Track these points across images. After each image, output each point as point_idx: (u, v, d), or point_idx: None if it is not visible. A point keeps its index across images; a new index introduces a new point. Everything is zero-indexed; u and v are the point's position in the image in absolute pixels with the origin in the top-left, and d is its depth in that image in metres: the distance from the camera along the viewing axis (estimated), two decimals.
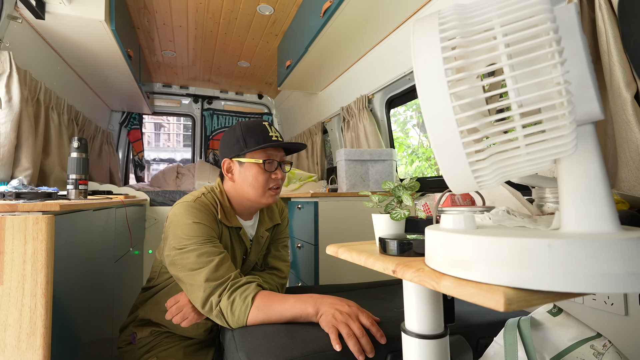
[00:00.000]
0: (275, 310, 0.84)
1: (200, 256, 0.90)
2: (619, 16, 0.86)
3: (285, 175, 1.08)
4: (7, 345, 0.72)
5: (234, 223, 1.05)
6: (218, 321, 0.87)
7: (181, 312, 0.92)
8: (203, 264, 0.89)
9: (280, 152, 1.07)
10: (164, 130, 13.16)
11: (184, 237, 0.93)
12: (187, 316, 0.92)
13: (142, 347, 1.06)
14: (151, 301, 1.10)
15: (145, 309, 1.09)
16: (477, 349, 0.83)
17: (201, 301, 0.87)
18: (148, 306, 1.09)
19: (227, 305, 0.85)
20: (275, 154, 1.04)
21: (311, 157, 3.20)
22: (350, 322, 0.76)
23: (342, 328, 0.74)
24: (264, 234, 1.14)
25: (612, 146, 0.93)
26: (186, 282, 0.91)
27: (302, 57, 2.12)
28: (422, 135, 5.07)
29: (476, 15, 0.39)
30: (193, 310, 0.92)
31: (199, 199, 1.01)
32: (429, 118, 0.40)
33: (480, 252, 0.38)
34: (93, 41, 1.88)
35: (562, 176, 0.42)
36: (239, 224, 1.07)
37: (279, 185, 1.05)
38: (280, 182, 1.05)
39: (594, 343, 0.59)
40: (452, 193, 0.84)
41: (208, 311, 0.87)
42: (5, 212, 0.76)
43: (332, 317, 0.78)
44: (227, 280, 0.89)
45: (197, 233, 0.93)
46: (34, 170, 1.67)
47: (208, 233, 0.95)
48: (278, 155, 1.05)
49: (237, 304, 0.85)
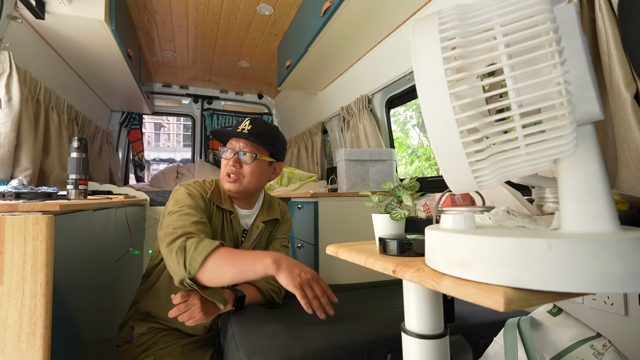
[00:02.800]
0: (235, 258, 0.87)
1: (182, 215, 0.97)
2: (619, 16, 0.86)
3: (244, 166, 1.09)
4: (7, 345, 0.72)
5: (226, 206, 1.11)
6: (174, 261, 0.88)
7: (189, 310, 0.91)
8: (183, 220, 0.95)
9: (240, 142, 1.10)
10: (164, 130, 13.16)
11: (174, 203, 1.02)
12: (194, 315, 0.92)
13: (140, 346, 1.06)
14: (151, 292, 1.11)
15: (146, 300, 1.11)
16: (477, 349, 0.83)
17: (169, 240, 0.91)
18: (149, 297, 1.11)
19: (191, 245, 0.88)
20: (234, 145, 1.10)
21: (311, 157, 3.20)
22: (313, 284, 0.86)
23: (308, 290, 0.84)
24: (259, 225, 1.17)
25: (612, 146, 0.93)
26: (161, 235, 0.95)
27: (302, 57, 2.12)
28: (422, 135, 5.07)
29: (476, 15, 0.39)
30: (201, 310, 0.92)
31: (197, 182, 1.11)
32: (429, 118, 0.40)
33: (480, 252, 0.38)
34: (93, 41, 1.87)
35: (562, 176, 0.42)
36: (231, 209, 1.12)
37: (232, 172, 1.08)
38: (233, 169, 1.08)
39: (593, 343, 0.59)
40: (452, 193, 0.84)
41: (170, 249, 0.89)
42: (5, 212, 0.76)
43: (298, 277, 0.85)
44: (199, 234, 0.93)
45: (187, 202, 1.01)
46: (33, 170, 1.67)
47: (197, 204, 1.03)
48: (237, 145, 1.10)
49: (201, 246, 0.87)
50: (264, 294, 1.07)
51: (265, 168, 1.14)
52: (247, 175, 1.09)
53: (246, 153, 1.08)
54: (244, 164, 1.09)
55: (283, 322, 0.89)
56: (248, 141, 1.09)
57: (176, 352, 1.03)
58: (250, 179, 1.09)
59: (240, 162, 1.09)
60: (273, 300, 1.08)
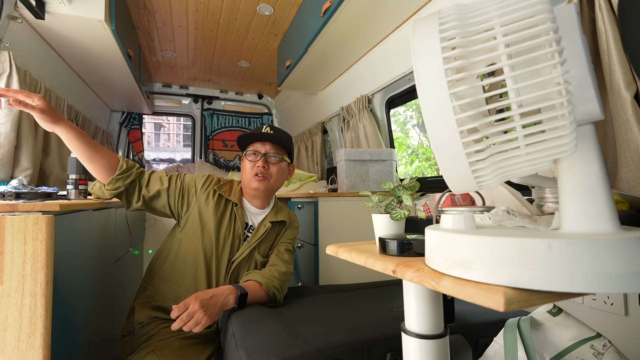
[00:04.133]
0: None
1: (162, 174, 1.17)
2: (619, 16, 0.86)
3: (271, 166, 1.20)
4: (7, 346, 0.72)
5: (234, 198, 1.21)
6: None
7: (193, 318, 0.92)
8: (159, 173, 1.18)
9: (266, 145, 1.21)
10: (164, 130, 13.14)
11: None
12: (200, 321, 0.92)
13: (141, 337, 1.09)
14: (157, 274, 1.17)
15: (151, 283, 1.17)
16: (476, 349, 0.83)
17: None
18: (154, 280, 1.17)
19: None
20: (260, 147, 1.21)
21: (311, 157, 3.20)
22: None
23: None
24: (266, 224, 1.23)
25: (612, 146, 0.93)
26: None
27: (302, 57, 2.12)
28: (422, 135, 5.06)
29: (476, 15, 0.39)
30: (205, 314, 0.93)
31: (220, 178, 1.27)
32: (429, 118, 0.40)
33: (480, 252, 0.38)
34: (93, 41, 1.87)
35: (562, 176, 0.42)
36: (238, 201, 1.21)
37: (261, 172, 1.18)
38: (262, 169, 1.18)
39: (593, 343, 0.59)
40: (452, 193, 0.84)
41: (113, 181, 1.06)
42: (5, 212, 0.76)
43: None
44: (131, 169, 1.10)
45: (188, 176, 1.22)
46: (33, 170, 1.67)
47: (191, 179, 1.21)
48: (263, 148, 1.21)
49: None
50: (266, 291, 1.07)
51: (286, 169, 1.27)
52: (274, 175, 1.21)
53: (274, 155, 1.20)
54: (271, 164, 1.20)
55: (283, 321, 0.89)
56: (274, 144, 1.21)
57: (174, 344, 1.04)
58: (276, 178, 1.21)
59: (267, 163, 1.20)
60: (275, 298, 1.09)
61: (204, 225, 1.16)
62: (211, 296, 0.96)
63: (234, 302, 1.00)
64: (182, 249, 1.15)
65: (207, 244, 1.15)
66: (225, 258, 1.16)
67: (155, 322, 1.11)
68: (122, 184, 1.07)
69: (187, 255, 1.14)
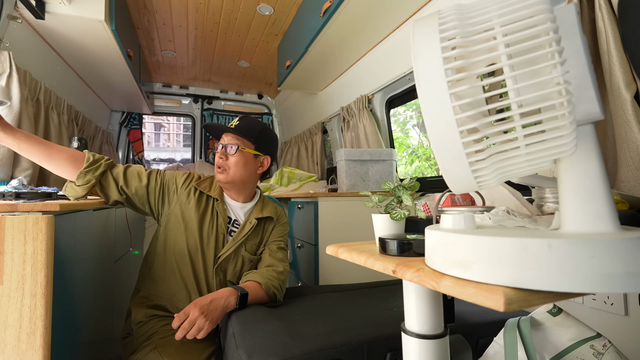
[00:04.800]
0: None
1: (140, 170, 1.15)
2: (619, 16, 0.86)
3: (230, 157, 1.19)
4: (7, 345, 0.72)
5: (214, 194, 1.20)
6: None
7: (195, 325, 0.92)
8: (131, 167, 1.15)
9: (227, 136, 1.20)
10: (164, 130, 13.14)
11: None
12: (202, 327, 0.92)
13: (140, 337, 1.08)
14: (149, 275, 1.17)
15: (144, 284, 1.17)
16: (476, 349, 0.83)
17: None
18: (147, 281, 1.17)
19: None
20: (223, 140, 1.21)
21: (311, 157, 3.20)
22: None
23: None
24: (252, 221, 1.21)
25: (612, 146, 0.93)
26: None
27: (302, 57, 2.12)
28: (422, 135, 5.06)
29: (476, 16, 0.39)
30: (206, 319, 0.93)
31: (192, 173, 1.25)
32: (428, 118, 0.40)
33: (480, 252, 0.38)
34: (93, 41, 1.87)
35: (562, 176, 0.42)
36: (219, 197, 1.20)
37: (219, 164, 1.18)
38: (220, 161, 1.18)
39: (593, 343, 0.59)
40: (452, 193, 0.84)
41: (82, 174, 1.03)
42: (5, 212, 0.76)
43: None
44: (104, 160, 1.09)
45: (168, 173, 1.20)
46: (33, 170, 1.67)
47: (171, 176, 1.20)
48: (224, 140, 1.21)
49: None
50: (266, 291, 1.07)
51: (250, 160, 1.21)
52: (232, 166, 1.18)
53: (231, 146, 1.18)
54: (229, 155, 1.18)
55: (283, 321, 0.89)
56: (233, 135, 1.19)
57: (176, 341, 1.04)
58: (235, 170, 1.18)
59: (226, 154, 1.18)
60: (275, 297, 1.09)
61: (186, 223, 1.16)
62: (210, 301, 0.96)
63: (235, 304, 0.99)
64: (169, 248, 1.15)
65: (191, 242, 1.15)
66: (211, 254, 1.16)
67: (153, 319, 1.11)
68: (92, 176, 1.03)
69: (174, 254, 1.15)
